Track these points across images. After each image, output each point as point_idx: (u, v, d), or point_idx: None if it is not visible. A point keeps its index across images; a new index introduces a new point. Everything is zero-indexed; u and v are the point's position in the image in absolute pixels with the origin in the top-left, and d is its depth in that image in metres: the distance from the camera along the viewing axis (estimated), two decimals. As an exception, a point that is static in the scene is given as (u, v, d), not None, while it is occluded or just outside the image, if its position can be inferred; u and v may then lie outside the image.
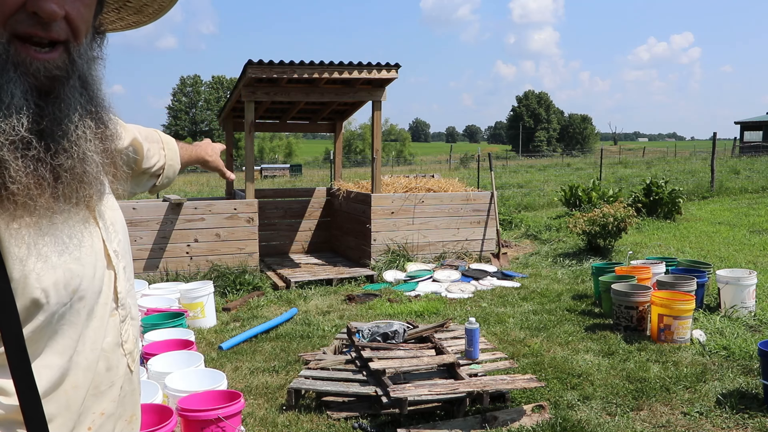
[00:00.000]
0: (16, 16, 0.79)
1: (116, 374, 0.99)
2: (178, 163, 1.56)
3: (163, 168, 1.51)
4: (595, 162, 29.58)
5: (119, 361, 1.00)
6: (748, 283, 5.29)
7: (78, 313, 0.90)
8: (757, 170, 19.15)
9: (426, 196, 8.03)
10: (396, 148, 66.17)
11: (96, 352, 0.94)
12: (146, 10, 1.08)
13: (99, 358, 0.95)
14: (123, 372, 1.01)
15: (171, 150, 1.54)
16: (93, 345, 0.94)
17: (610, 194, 11.24)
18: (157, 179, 1.51)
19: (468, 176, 20.71)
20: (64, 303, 0.87)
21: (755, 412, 3.51)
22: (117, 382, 1.00)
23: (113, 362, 0.98)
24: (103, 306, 0.96)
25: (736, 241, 8.71)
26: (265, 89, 7.34)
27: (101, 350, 0.96)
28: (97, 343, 0.95)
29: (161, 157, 1.49)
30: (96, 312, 0.94)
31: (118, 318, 1.00)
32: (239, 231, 7.26)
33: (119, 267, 1.01)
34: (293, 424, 3.54)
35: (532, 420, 3.48)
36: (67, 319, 0.88)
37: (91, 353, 0.93)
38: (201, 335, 5.22)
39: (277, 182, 27.84)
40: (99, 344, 0.95)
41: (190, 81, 74.41)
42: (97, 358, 0.95)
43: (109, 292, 0.98)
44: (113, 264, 0.99)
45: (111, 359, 0.98)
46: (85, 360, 0.92)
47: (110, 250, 0.99)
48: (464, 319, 5.45)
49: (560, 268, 7.71)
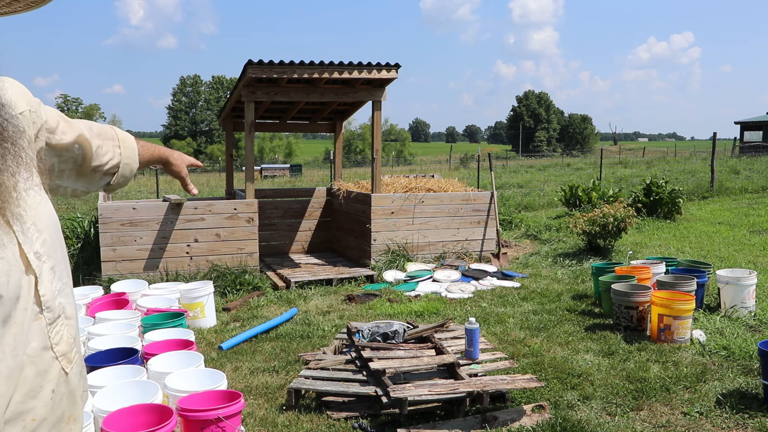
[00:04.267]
0: None
1: (46, 378, 0.97)
2: (135, 162, 1.50)
3: (118, 166, 1.44)
4: (595, 162, 29.58)
5: (50, 365, 0.98)
6: (748, 283, 5.29)
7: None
8: (757, 170, 19.15)
9: (426, 196, 8.03)
10: (396, 148, 66.19)
11: (19, 358, 0.92)
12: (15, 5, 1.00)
13: (24, 364, 0.93)
14: (55, 375, 0.99)
15: (128, 148, 1.47)
16: (14, 352, 0.91)
17: (610, 194, 11.24)
18: (112, 178, 1.45)
19: (468, 176, 20.71)
20: None
21: (755, 412, 3.51)
22: (47, 386, 0.98)
23: (42, 366, 0.96)
24: (22, 311, 0.93)
25: (736, 241, 8.71)
26: (265, 89, 7.34)
27: (26, 356, 0.94)
28: (18, 350, 0.92)
29: (115, 155, 1.43)
30: (15, 318, 0.92)
31: (44, 321, 0.98)
32: (239, 231, 7.27)
33: (43, 268, 0.98)
34: (293, 424, 3.54)
35: (532, 420, 3.48)
36: None
37: (13, 360, 0.91)
38: (201, 335, 5.22)
39: (277, 182, 27.85)
40: (21, 350, 0.93)
41: (190, 81, 74.41)
42: (21, 365, 0.93)
43: (29, 296, 0.95)
44: (33, 267, 0.96)
45: (39, 364, 0.96)
46: (6, 368, 0.90)
47: (29, 252, 0.96)
48: (464, 319, 5.45)
49: (560, 268, 7.71)
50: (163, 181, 24.06)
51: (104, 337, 3.96)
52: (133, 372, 3.29)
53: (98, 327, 4.19)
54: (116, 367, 3.33)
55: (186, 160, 1.73)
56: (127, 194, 17.05)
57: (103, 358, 3.56)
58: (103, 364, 3.42)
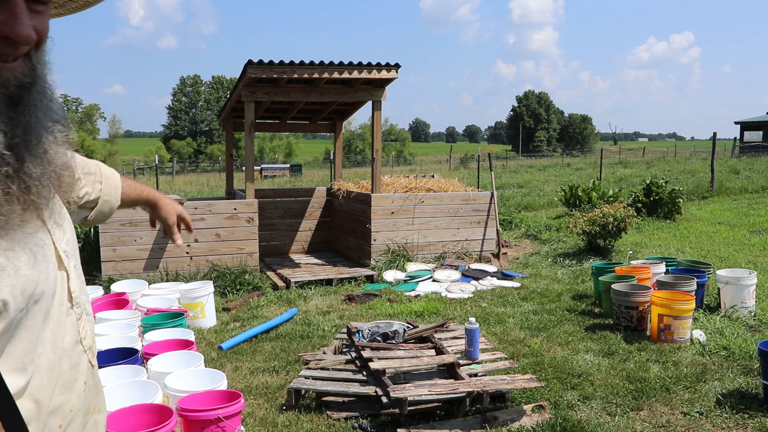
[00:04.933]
0: None
1: (79, 371, 1.02)
2: (117, 200, 1.46)
3: (96, 202, 1.41)
4: (595, 162, 29.58)
5: (80, 358, 1.02)
6: (748, 283, 5.29)
7: (34, 317, 0.90)
8: (757, 170, 19.14)
9: (426, 196, 8.03)
10: (396, 148, 66.17)
11: (57, 352, 0.96)
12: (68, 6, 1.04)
13: (61, 357, 0.97)
14: (85, 368, 1.04)
15: (110, 185, 1.44)
16: (53, 346, 0.95)
17: (610, 194, 11.24)
18: (89, 213, 1.41)
19: (468, 176, 20.71)
20: (21, 309, 0.87)
21: (755, 412, 3.51)
22: (80, 378, 1.02)
23: (75, 360, 1.01)
24: (58, 307, 0.96)
25: (736, 241, 8.71)
26: (265, 89, 7.34)
27: (62, 350, 0.97)
28: (57, 344, 0.96)
29: (94, 191, 1.39)
30: (52, 313, 0.95)
31: (74, 316, 1.02)
32: (239, 231, 7.26)
33: (70, 266, 1.01)
34: (293, 424, 3.54)
35: (532, 420, 3.48)
36: (24, 324, 0.88)
37: (53, 354, 0.95)
38: (201, 335, 5.22)
39: (277, 182, 27.84)
40: (59, 344, 0.96)
41: (190, 81, 74.39)
42: (60, 358, 0.96)
43: (63, 292, 0.99)
44: (64, 264, 1.00)
45: (73, 357, 1.00)
46: (47, 361, 0.93)
47: (60, 250, 0.99)
48: (464, 319, 5.45)
49: (560, 268, 7.71)
50: (163, 181, 24.07)
51: (104, 337, 3.96)
52: (133, 372, 3.29)
53: (98, 327, 4.19)
54: (116, 367, 3.33)
55: (178, 210, 1.68)
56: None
57: (103, 358, 3.55)
58: (103, 364, 3.42)
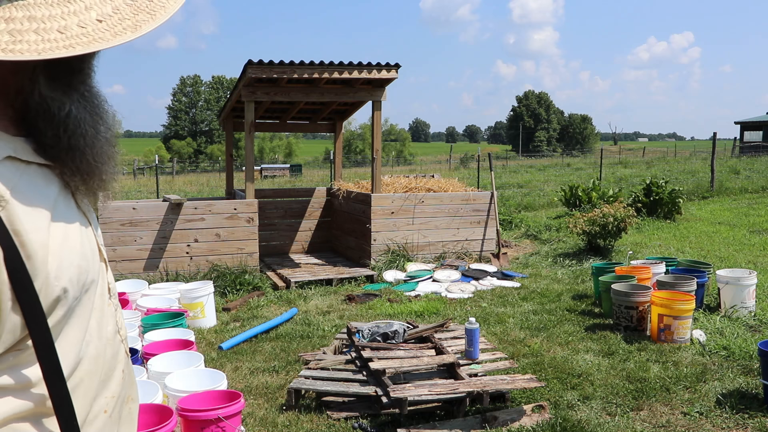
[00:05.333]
0: None
1: (118, 359, 1.05)
2: None
3: None
4: (595, 162, 29.57)
5: (119, 347, 1.06)
6: (748, 283, 5.29)
7: (85, 306, 0.95)
8: (757, 170, 19.15)
9: (426, 196, 8.03)
10: (396, 148, 66.14)
11: (102, 340, 1.00)
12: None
13: (105, 345, 1.01)
14: (123, 356, 1.08)
15: None
16: (99, 334, 0.99)
17: (610, 194, 11.24)
18: None
19: (468, 176, 20.71)
20: (76, 297, 0.92)
21: (755, 412, 3.51)
22: (119, 366, 1.06)
23: (115, 348, 1.04)
24: (101, 297, 1.01)
25: (736, 241, 8.71)
26: (265, 89, 7.34)
27: (106, 339, 1.01)
28: (102, 333, 1.00)
29: None
30: (97, 303, 0.99)
31: (113, 307, 1.06)
32: (239, 231, 7.26)
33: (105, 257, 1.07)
34: (293, 424, 3.54)
35: (532, 420, 3.48)
36: (76, 313, 0.93)
37: (98, 342, 0.99)
38: (201, 335, 5.22)
39: (277, 182, 27.84)
40: (104, 333, 1.01)
41: (190, 81, 74.37)
42: (105, 346, 1.01)
43: (104, 283, 1.03)
44: (103, 256, 1.04)
45: (114, 346, 1.04)
46: (95, 349, 0.98)
47: (99, 243, 1.03)
48: (464, 319, 5.45)
49: (560, 268, 7.71)
50: (163, 181, 24.06)
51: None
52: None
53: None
54: (116, 367, 3.33)
55: None
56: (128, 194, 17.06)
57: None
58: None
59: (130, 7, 0.86)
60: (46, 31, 0.80)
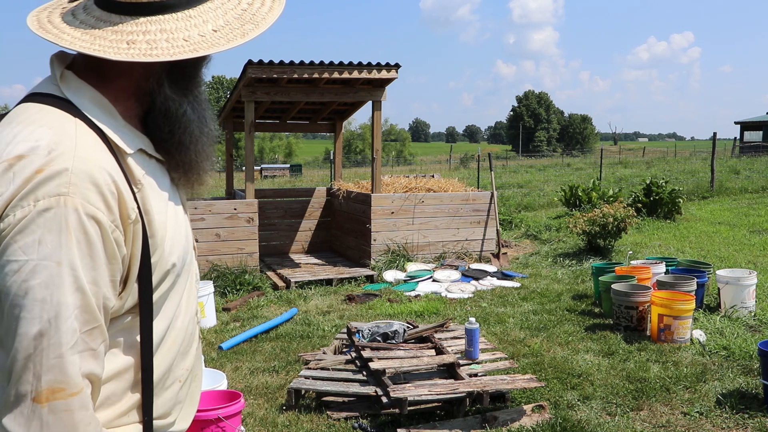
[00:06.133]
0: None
1: (194, 337, 1.20)
2: None
3: None
4: (595, 162, 29.58)
5: (195, 327, 1.21)
6: (748, 283, 5.29)
7: (182, 283, 1.12)
8: (757, 170, 19.15)
9: (426, 196, 8.03)
10: (396, 148, 66.14)
11: (188, 317, 1.15)
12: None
13: (189, 322, 1.15)
14: (197, 336, 1.22)
15: None
16: (186, 310, 1.14)
17: (610, 194, 11.24)
18: None
19: (468, 176, 20.71)
20: (179, 272, 1.09)
21: (755, 412, 3.51)
22: (194, 343, 1.21)
23: (194, 327, 1.19)
24: (192, 278, 1.18)
25: (736, 241, 8.71)
26: (265, 89, 7.34)
27: (190, 316, 1.16)
28: (189, 309, 1.15)
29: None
30: (189, 284, 1.16)
31: (196, 291, 1.22)
32: (239, 231, 7.26)
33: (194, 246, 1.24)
34: (293, 424, 3.54)
35: (532, 420, 3.48)
36: (176, 287, 1.09)
37: (185, 316, 1.14)
38: (201, 335, 5.21)
39: (277, 182, 27.84)
40: (190, 310, 1.16)
41: (190, 81, 74.27)
42: (188, 322, 1.15)
43: (195, 268, 1.21)
44: (192, 245, 1.20)
45: (193, 324, 1.19)
46: (181, 322, 1.13)
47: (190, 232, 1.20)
48: (464, 319, 5.45)
49: (560, 268, 7.71)
50: (163, 181, 23.95)
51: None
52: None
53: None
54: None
55: None
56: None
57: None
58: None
59: (237, 20, 1.05)
60: (175, 40, 0.99)
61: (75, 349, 0.88)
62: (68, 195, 0.88)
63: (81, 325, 0.89)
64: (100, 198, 0.91)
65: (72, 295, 0.88)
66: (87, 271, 0.89)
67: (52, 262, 0.86)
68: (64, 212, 0.88)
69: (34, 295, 0.86)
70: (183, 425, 1.18)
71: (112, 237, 0.92)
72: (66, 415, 0.86)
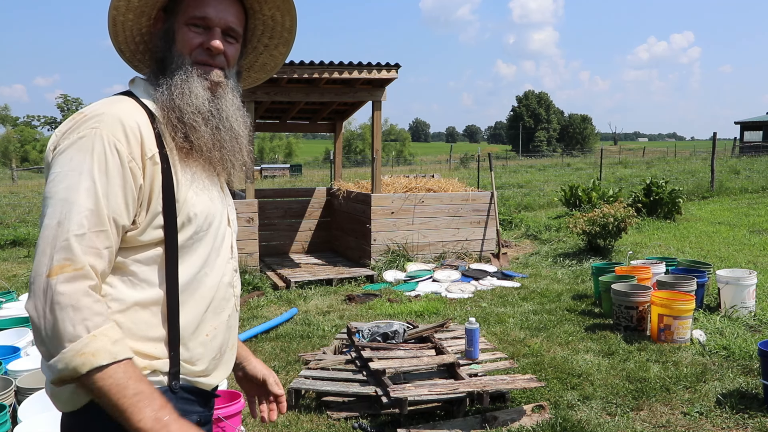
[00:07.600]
0: (196, 50, 1.31)
1: (227, 304, 1.37)
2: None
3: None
4: (595, 162, 29.58)
5: (230, 297, 1.39)
6: (748, 283, 5.29)
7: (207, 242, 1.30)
8: (757, 170, 19.15)
9: (426, 196, 8.02)
10: (396, 148, 66.11)
11: (218, 278, 1.33)
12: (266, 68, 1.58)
13: (219, 285, 1.34)
14: (231, 306, 1.39)
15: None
16: (217, 272, 1.33)
17: (610, 194, 11.24)
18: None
19: (468, 176, 20.71)
20: (202, 228, 1.28)
21: (755, 412, 3.51)
22: (227, 310, 1.37)
23: (227, 294, 1.37)
24: (226, 249, 1.37)
25: (736, 241, 8.71)
26: (265, 89, 7.34)
27: (221, 281, 1.35)
28: (219, 273, 1.34)
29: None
30: (221, 252, 1.35)
31: (232, 265, 1.41)
32: (239, 231, 7.26)
33: (233, 230, 1.44)
34: (293, 424, 3.54)
35: (532, 420, 3.48)
36: (202, 243, 1.29)
37: (215, 277, 1.32)
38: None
39: (277, 182, 27.83)
40: (220, 274, 1.34)
41: (190, 81, 74.27)
42: (218, 285, 1.33)
43: (229, 243, 1.40)
44: (231, 226, 1.42)
45: (226, 291, 1.37)
46: (211, 281, 1.31)
47: (229, 215, 1.43)
48: (464, 319, 5.45)
49: (560, 268, 7.71)
50: (163, 181, 23.90)
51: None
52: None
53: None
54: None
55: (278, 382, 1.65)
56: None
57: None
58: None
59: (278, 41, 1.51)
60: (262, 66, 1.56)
61: (82, 239, 1.11)
62: (99, 128, 1.17)
63: (90, 225, 1.12)
64: (123, 134, 1.18)
65: (86, 199, 1.12)
66: (102, 186, 1.14)
67: (75, 173, 1.13)
68: (93, 140, 1.16)
69: (59, 195, 1.12)
70: (214, 381, 1.36)
71: (128, 166, 1.17)
72: (71, 287, 1.07)
